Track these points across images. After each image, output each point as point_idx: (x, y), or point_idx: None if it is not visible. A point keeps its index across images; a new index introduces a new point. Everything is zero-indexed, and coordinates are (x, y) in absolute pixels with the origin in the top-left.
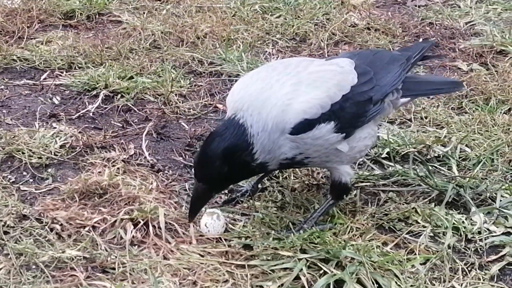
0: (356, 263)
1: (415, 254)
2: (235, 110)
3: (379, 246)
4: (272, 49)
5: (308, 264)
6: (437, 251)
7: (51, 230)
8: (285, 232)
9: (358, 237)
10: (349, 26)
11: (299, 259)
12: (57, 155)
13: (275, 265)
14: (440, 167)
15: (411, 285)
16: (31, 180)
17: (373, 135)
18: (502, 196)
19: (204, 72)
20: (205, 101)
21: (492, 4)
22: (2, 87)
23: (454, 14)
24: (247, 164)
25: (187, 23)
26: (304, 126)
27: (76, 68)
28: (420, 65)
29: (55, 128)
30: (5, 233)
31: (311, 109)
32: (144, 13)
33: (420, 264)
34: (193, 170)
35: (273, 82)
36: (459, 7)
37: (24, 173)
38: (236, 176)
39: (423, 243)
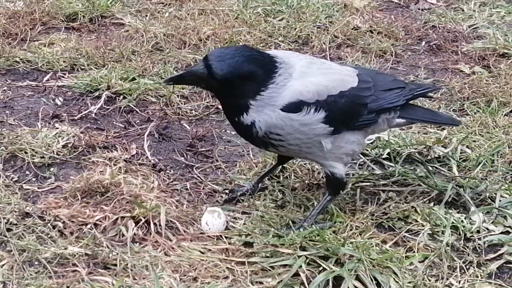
0: (355, 260)
1: (414, 252)
2: (275, 54)
3: (378, 244)
4: None
5: (307, 261)
6: (436, 249)
7: (54, 227)
8: (285, 229)
9: (357, 235)
10: (352, 29)
11: (299, 256)
12: (59, 155)
13: (274, 262)
14: (440, 168)
15: (409, 282)
16: (34, 179)
17: (362, 143)
18: (501, 196)
19: None
20: (207, 102)
21: (495, 7)
22: (5, 88)
23: (458, 17)
24: (253, 84)
25: (190, 26)
26: (297, 106)
27: (79, 69)
28: (422, 67)
29: (58, 128)
30: (8, 230)
31: (308, 93)
32: (146, 15)
33: (419, 261)
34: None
35: (294, 56)
36: (463, 10)
37: (27, 172)
38: (235, 92)
39: (422, 242)
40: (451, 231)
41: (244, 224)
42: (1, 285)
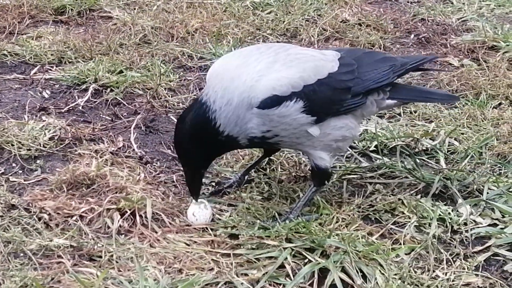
0: (341, 252)
1: (400, 244)
2: (204, 88)
3: (364, 236)
4: None
5: (293, 253)
6: (422, 241)
7: (39, 219)
8: (271, 221)
9: (343, 227)
10: (340, 22)
11: (284, 248)
12: (46, 147)
13: (260, 254)
14: (428, 160)
15: (395, 274)
16: (20, 171)
17: (352, 127)
18: (489, 188)
19: (193, 67)
20: (194, 95)
21: (485, 0)
22: None
23: (447, 10)
24: (215, 137)
25: (178, 19)
26: (272, 101)
27: (66, 62)
28: None
29: (45, 121)
30: None
31: (281, 87)
32: (134, 9)
33: (405, 254)
34: None
35: (251, 60)
36: (452, 3)
37: (13, 164)
38: (212, 150)
39: (408, 234)
40: (438, 224)
41: (230, 216)
42: None
